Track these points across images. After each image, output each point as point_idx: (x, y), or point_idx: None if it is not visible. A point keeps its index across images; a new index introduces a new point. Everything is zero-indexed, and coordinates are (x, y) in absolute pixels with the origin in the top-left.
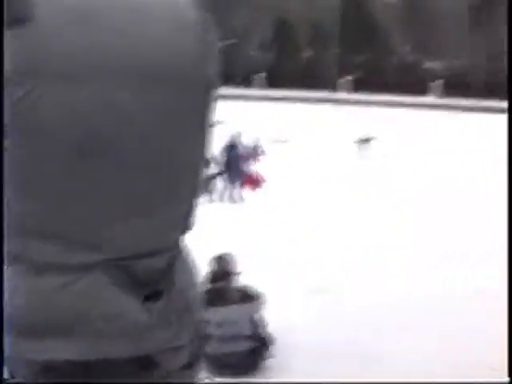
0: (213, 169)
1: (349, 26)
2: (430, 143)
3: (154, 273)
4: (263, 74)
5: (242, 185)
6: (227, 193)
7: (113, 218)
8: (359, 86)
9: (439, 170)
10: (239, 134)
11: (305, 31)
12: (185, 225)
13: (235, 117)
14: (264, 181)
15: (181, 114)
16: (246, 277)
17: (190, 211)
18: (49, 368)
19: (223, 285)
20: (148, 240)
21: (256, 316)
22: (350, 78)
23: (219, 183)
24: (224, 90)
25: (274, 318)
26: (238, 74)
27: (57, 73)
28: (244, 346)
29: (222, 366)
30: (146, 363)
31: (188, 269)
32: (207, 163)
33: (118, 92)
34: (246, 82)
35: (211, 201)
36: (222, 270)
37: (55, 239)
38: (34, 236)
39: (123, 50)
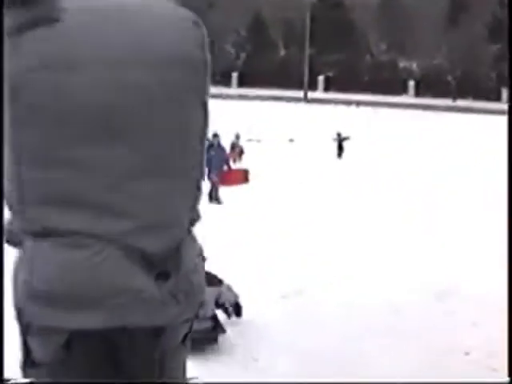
0: None
1: (323, 25)
2: (403, 142)
3: (165, 252)
4: (236, 73)
5: (223, 183)
6: (208, 192)
7: (135, 184)
8: (333, 84)
9: (411, 167)
10: (217, 134)
11: (278, 30)
12: (194, 205)
13: (212, 117)
14: (248, 175)
15: (187, 88)
16: (223, 275)
17: (198, 187)
18: (77, 336)
19: None
20: (166, 209)
21: (219, 300)
22: (322, 76)
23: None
24: None
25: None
26: (214, 73)
27: (85, 60)
28: (204, 325)
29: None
30: (158, 334)
31: (193, 254)
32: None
33: (138, 72)
34: (222, 80)
35: None
36: None
37: (83, 207)
38: (62, 205)
39: (139, 39)
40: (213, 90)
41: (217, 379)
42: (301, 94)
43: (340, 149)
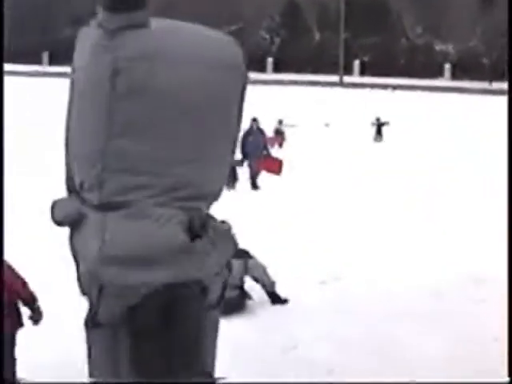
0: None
1: (358, 8)
2: (440, 125)
3: (201, 218)
4: (271, 59)
5: (262, 170)
6: (248, 179)
7: (190, 160)
8: (368, 69)
9: (448, 152)
10: (255, 118)
11: (313, 14)
12: (224, 180)
13: (247, 102)
14: (281, 166)
15: (232, 89)
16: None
17: (228, 168)
18: (150, 289)
19: None
20: (213, 183)
21: (248, 272)
22: (358, 61)
23: (240, 170)
24: None
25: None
26: (247, 59)
27: (169, 57)
28: (232, 293)
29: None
30: (202, 287)
31: (216, 221)
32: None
33: (200, 71)
34: (257, 66)
35: (233, 188)
36: None
37: (158, 177)
38: (142, 174)
39: (200, 48)
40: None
41: (256, 367)
42: (336, 78)
43: (379, 133)
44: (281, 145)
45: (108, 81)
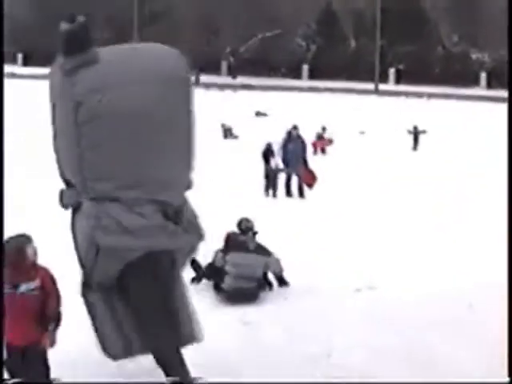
0: (277, 164)
1: (394, 16)
2: (475, 135)
3: (172, 208)
4: (307, 66)
5: (303, 179)
6: (289, 187)
7: (154, 165)
8: (404, 77)
9: (482, 160)
10: (296, 126)
11: (349, 22)
12: (189, 177)
13: (280, 108)
14: (314, 183)
15: (182, 99)
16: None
17: (190, 166)
18: (133, 256)
19: (245, 238)
20: (173, 178)
21: (269, 268)
22: (393, 69)
23: (281, 178)
24: (268, 81)
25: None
26: (282, 65)
27: (115, 85)
28: (252, 284)
29: (231, 297)
30: (172, 258)
31: (190, 208)
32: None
33: (145, 90)
34: (292, 73)
35: (275, 196)
36: (246, 227)
37: (116, 180)
38: (114, 182)
39: (144, 69)
40: (282, 82)
41: (289, 374)
42: (371, 86)
43: (415, 141)
44: (323, 150)
45: (72, 112)
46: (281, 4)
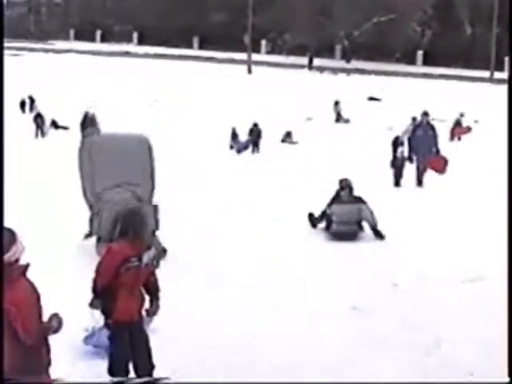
0: (402, 152)
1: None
2: None
3: (137, 197)
4: (421, 52)
5: (427, 168)
6: (414, 177)
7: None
8: None
9: None
10: (427, 112)
11: (465, 8)
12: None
13: (393, 94)
14: (446, 165)
15: (141, 156)
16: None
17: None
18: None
19: (344, 193)
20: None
21: (363, 213)
22: (509, 57)
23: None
24: (381, 66)
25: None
26: (396, 50)
27: (100, 150)
28: (350, 227)
29: (337, 237)
30: None
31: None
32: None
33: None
34: (406, 58)
35: (399, 185)
36: (345, 184)
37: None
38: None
39: (122, 151)
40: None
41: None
42: (487, 74)
43: None
44: (460, 138)
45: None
46: None
